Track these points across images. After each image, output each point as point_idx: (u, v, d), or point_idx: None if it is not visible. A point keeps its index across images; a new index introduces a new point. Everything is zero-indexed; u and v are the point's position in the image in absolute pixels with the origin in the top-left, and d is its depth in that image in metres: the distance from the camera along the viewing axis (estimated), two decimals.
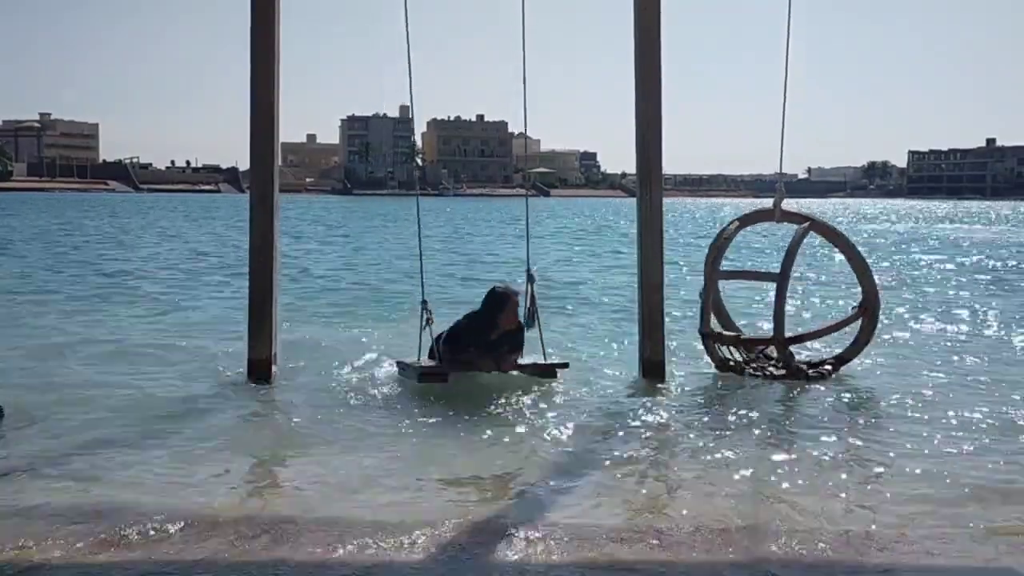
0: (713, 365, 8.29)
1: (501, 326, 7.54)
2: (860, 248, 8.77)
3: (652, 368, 7.84)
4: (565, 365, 7.87)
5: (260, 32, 7.51)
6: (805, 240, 8.23)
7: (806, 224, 8.11)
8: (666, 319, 8.01)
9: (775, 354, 8.19)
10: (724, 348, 8.33)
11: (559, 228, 41.70)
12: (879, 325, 8.62)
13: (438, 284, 15.92)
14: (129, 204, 73.23)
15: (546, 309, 12.66)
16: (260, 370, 7.62)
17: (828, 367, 8.13)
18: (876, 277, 8.65)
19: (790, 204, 8.30)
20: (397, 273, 17.96)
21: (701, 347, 8.49)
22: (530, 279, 7.94)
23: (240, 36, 7.53)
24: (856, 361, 8.33)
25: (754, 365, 8.14)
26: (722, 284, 8.85)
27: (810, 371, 8.06)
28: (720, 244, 8.58)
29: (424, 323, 7.55)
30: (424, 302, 7.57)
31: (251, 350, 7.67)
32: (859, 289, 8.47)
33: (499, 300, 7.58)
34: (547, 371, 7.77)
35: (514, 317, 7.62)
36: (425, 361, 7.58)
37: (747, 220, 8.58)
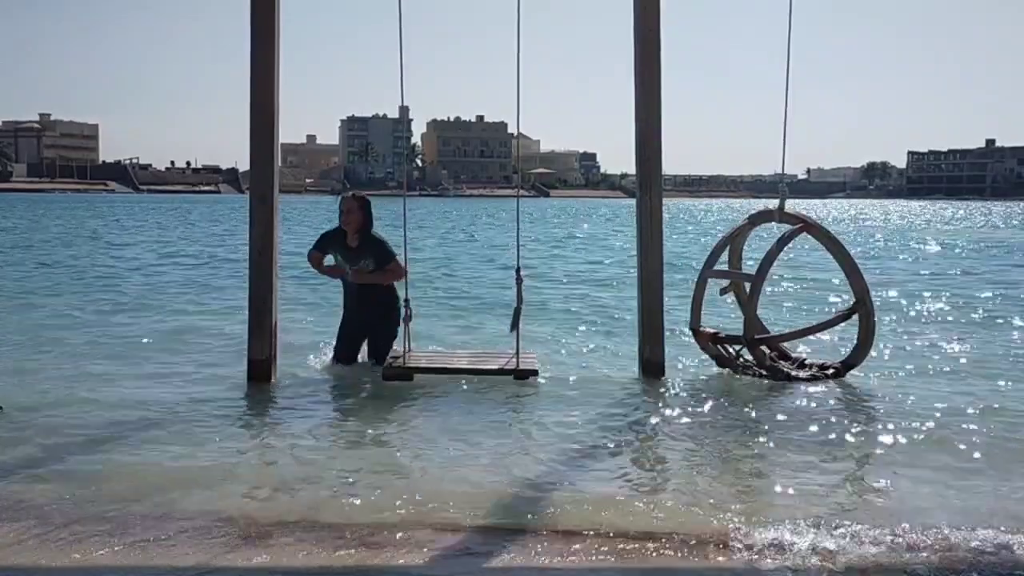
0: (716, 362, 8.34)
1: (345, 228, 7.98)
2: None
3: (651, 368, 7.85)
4: (535, 372, 7.75)
5: (260, 32, 7.51)
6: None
7: (798, 226, 8.11)
8: (666, 319, 8.01)
9: (767, 352, 8.22)
10: (715, 345, 8.37)
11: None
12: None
13: (432, 283, 15.96)
14: (126, 205, 73.15)
15: (546, 309, 12.77)
16: (260, 370, 7.62)
17: (831, 370, 8.12)
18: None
19: (790, 204, 8.28)
20: None
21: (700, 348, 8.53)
22: (518, 280, 8.00)
23: (240, 36, 7.53)
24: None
25: (744, 360, 8.17)
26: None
27: (795, 371, 8.05)
28: (722, 244, 8.61)
29: (404, 319, 7.86)
30: (406, 300, 7.86)
31: (251, 350, 7.68)
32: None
33: (339, 205, 8.06)
34: (516, 375, 7.70)
35: (349, 218, 7.93)
36: (408, 355, 7.87)
37: (755, 220, 8.59)
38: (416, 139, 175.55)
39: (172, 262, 21.30)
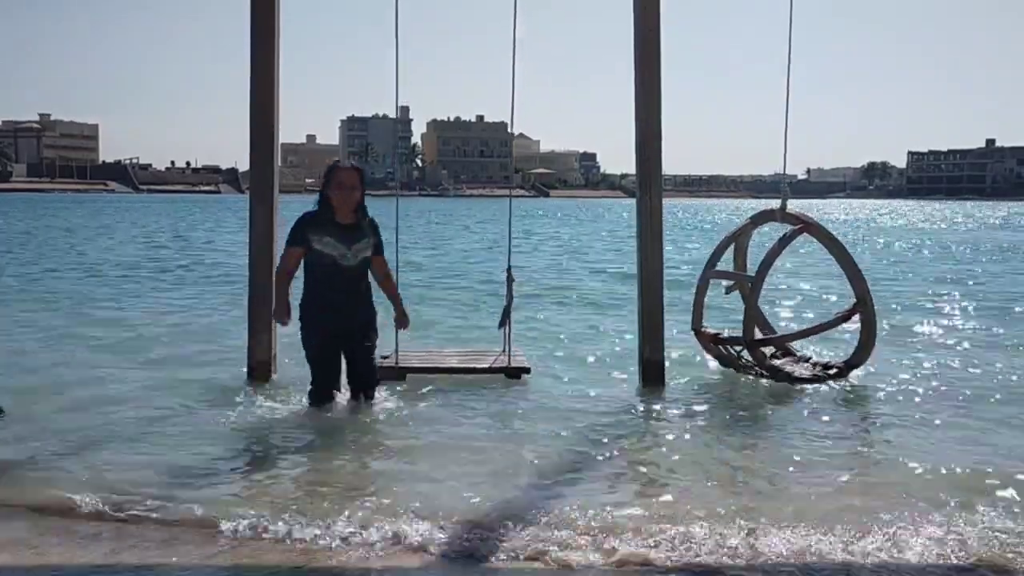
0: (718, 362, 8.34)
1: (334, 204, 6.52)
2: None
3: (652, 369, 7.83)
4: (527, 370, 7.89)
5: (260, 32, 7.50)
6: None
7: (798, 227, 8.11)
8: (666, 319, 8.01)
9: (770, 351, 8.21)
10: (717, 346, 8.38)
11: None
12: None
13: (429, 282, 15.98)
14: (125, 205, 73.18)
15: (545, 307, 12.77)
16: (260, 371, 7.62)
17: (834, 370, 8.11)
18: None
19: (791, 204, 8.29)
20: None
21: (701, 348, 8.54)
22: (509, 279, 8.01)
23: (240, 36, 7.53)
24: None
25: (746, 361, 8.17)
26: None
27: (798, 371, 8.04)
28: (724, 244, 8.62)
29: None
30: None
31: (251, 351, 7.67)
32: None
33: (327, 172, 6.64)
34: (508, 373, 7.82)
35: (352, 196, 6.52)
36: (399, 355, 7.79)
37: (757, 220, 8.59)
38: (416, 139, 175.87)
39: (168, 261, 21.30)
